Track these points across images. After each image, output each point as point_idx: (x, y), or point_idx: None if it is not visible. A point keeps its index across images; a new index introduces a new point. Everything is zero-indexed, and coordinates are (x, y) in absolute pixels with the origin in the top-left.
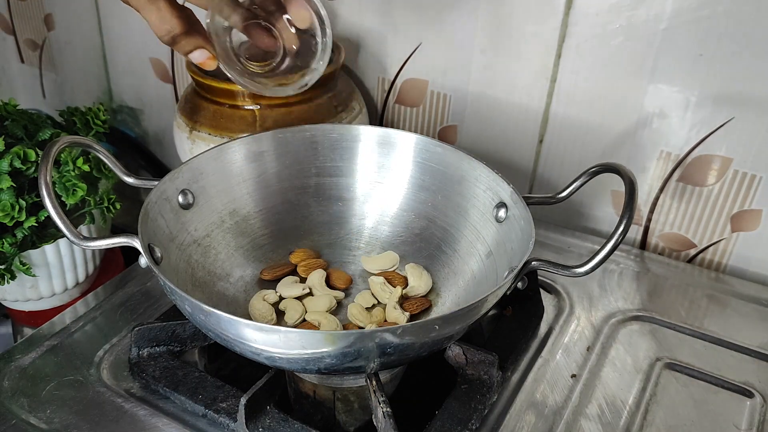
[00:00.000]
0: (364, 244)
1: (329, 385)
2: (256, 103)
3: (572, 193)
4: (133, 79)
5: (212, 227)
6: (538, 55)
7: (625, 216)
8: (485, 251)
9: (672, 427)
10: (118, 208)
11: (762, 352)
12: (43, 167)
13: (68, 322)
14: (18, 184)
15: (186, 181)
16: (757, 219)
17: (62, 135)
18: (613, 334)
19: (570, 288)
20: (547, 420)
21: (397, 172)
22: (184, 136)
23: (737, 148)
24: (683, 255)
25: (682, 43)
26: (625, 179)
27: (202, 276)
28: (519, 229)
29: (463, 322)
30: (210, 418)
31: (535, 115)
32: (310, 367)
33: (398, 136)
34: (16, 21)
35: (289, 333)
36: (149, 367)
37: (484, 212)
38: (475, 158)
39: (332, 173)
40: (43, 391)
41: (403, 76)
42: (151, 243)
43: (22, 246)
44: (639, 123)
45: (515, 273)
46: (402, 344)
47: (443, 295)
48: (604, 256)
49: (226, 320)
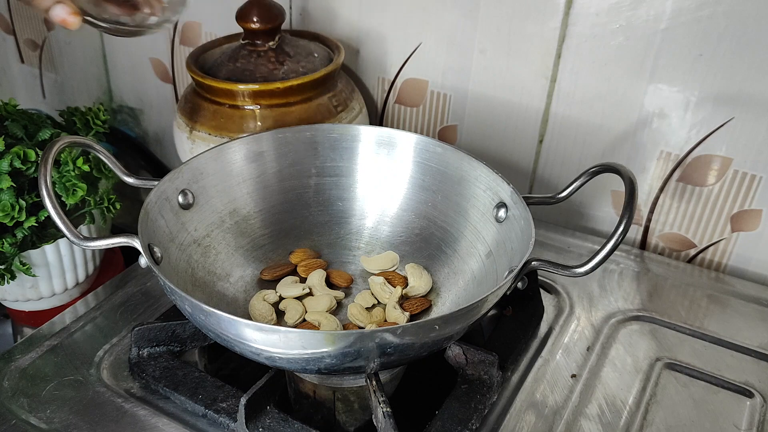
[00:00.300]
0: (364, 244)
1: (329, 385)
2: (256, 103)
3: (572, 193)
4: (133, 79)
5: (212, 227)
6: (538, 55)
7: (625, 216)
8: (485, 251)
9: (672, 427)
10: (118, 208)
11: (762, 352)
12: (42, 167)
13: (68, 322)
14: (18, 184)
15: (186, 181)
16: (757, 219)
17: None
18: (613, 334)
19: (570, 288)
20: (547, 420)
21: (397, 172)
22: (184, 136)
23: (737, 148)
24: (683, 255)
25: (682, 43)
26: (625, 179)
27: (202, 276)
28: (519, 229)
29: (463, 322)
30: (210, 418)
31: (535, 115)
32: (310, 367)
33: (398, 136)
34: (16, 21)
35: (289, 333)
36: (149, 367)
37: (484, 212)
38: (475, 158)
39: (332, 173)
40: (43, 391)
41: (403, 76)
42: (151, 243)
43: (22, 246)
44: (639, 123)
45: (515, 273)
46: (402, 344)
47: (443, 295)
48: (604, 256)
49: (226, 320)
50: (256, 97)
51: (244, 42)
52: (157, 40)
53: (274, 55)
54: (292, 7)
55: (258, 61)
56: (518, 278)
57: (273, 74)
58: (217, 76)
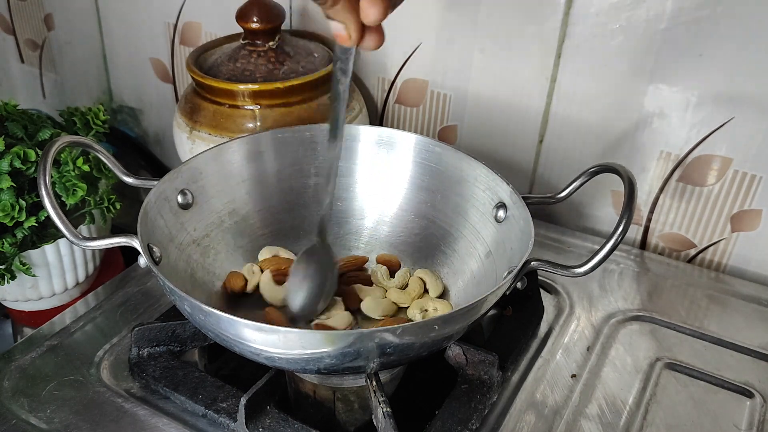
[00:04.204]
0: (363, 244)
1: (329, 385)
2: (256, 103)
3: (572, 193)
4: (133, 79)
5: (211, 227)
6: (538, 55)
7: (625, 216)
8: (485, 251)
9: (672, 427)
10: (118, 208)
11: (762, 352)
12: (42, 167)
13: (68, 322)
14: (18, 184)
15: (185, 181)
16: (757, 219)
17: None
18: (613, 334)
19: (570, 288)
20: (547, 420)
21: (397, 172)
22: (184, 136)
23: (737, 148)
24: (683, 255)
25: (682, 43)
26: (624, 180)
27: (202, 276)
28: (518, 229)
29: (463, 322)
30: (210, 418)
31: (535, 115)
32: (310, 367)
33: (398, 136)
34: (16, 21)
35: (289, 333)
36: (149, 367)
37: (484, 212)
38: (475, 158)
39: None
40: (43, 391)
41: (403, 76)
42: (151, 243)
43: (22, 246)
44: (639, 123)
45: (515, 273)
46: (402, 344)
47: (443, 295)
48: (604, 255)
49: (226, 320)
50: (256, 97)
51: (244, 42)
52: (157, 40)
53: (274, 55)
54: (292, 7)
55: (258, 61)
56: (518, 278)
57: (273, 74)
58: (217, 76)
